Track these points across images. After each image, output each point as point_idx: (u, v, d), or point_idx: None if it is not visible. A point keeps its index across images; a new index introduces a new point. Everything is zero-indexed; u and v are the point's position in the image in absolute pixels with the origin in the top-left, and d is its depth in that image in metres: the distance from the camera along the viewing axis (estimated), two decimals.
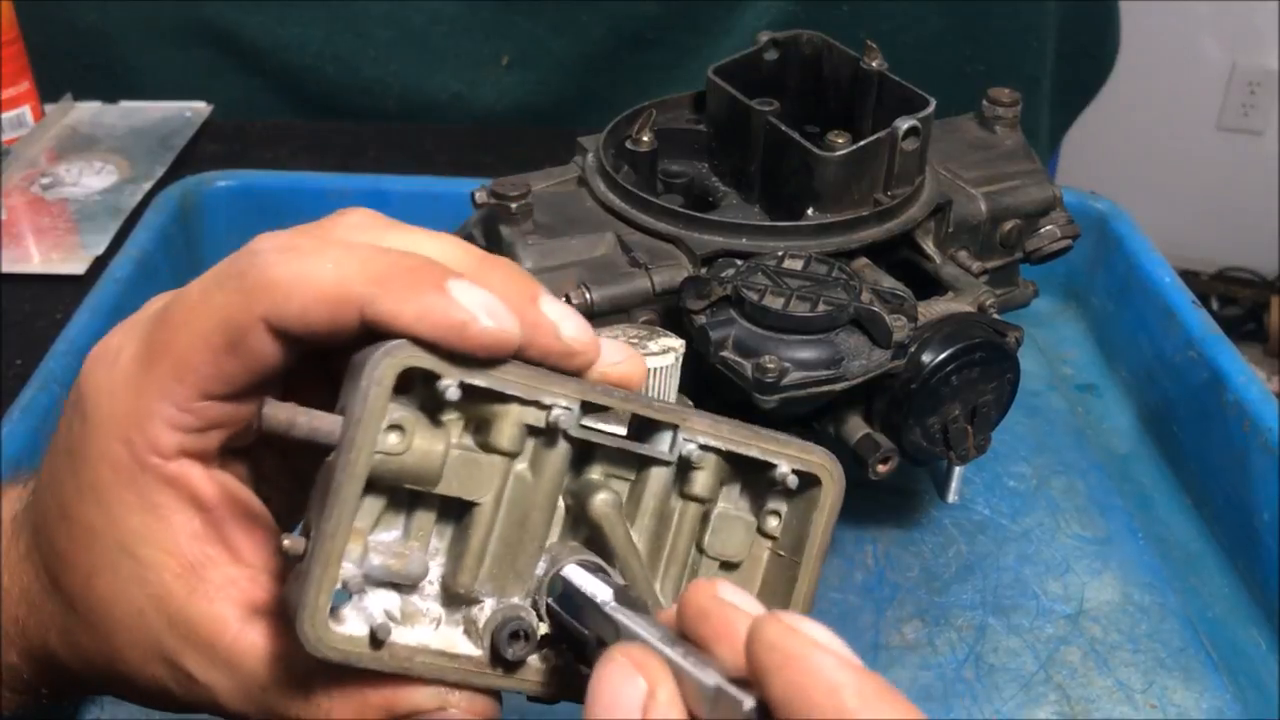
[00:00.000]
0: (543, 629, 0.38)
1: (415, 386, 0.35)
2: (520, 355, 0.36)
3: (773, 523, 0.41)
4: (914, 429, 0.64)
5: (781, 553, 0.42)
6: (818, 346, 0.60)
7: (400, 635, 0.37)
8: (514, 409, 0.36)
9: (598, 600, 0.35)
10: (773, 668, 0.29)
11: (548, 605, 0.38)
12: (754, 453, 0.39)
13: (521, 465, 0.37)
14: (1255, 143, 2.65)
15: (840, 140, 0.68)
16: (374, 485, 0.35)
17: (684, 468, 0.39)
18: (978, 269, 0.71)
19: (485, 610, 0.38)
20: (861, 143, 0.67)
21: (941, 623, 0.69)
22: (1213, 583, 0.73)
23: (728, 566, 0.42)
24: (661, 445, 0.38)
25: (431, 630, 0.38)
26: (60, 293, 0.91)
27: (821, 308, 0.60)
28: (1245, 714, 0.65)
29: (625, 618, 0.34)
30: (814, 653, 0.29)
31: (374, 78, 1.21)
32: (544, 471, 0.38)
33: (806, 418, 0.65)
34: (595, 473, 0.39)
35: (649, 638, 0.32)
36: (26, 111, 1.13)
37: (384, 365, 0.33)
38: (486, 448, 0.37)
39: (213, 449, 0.37)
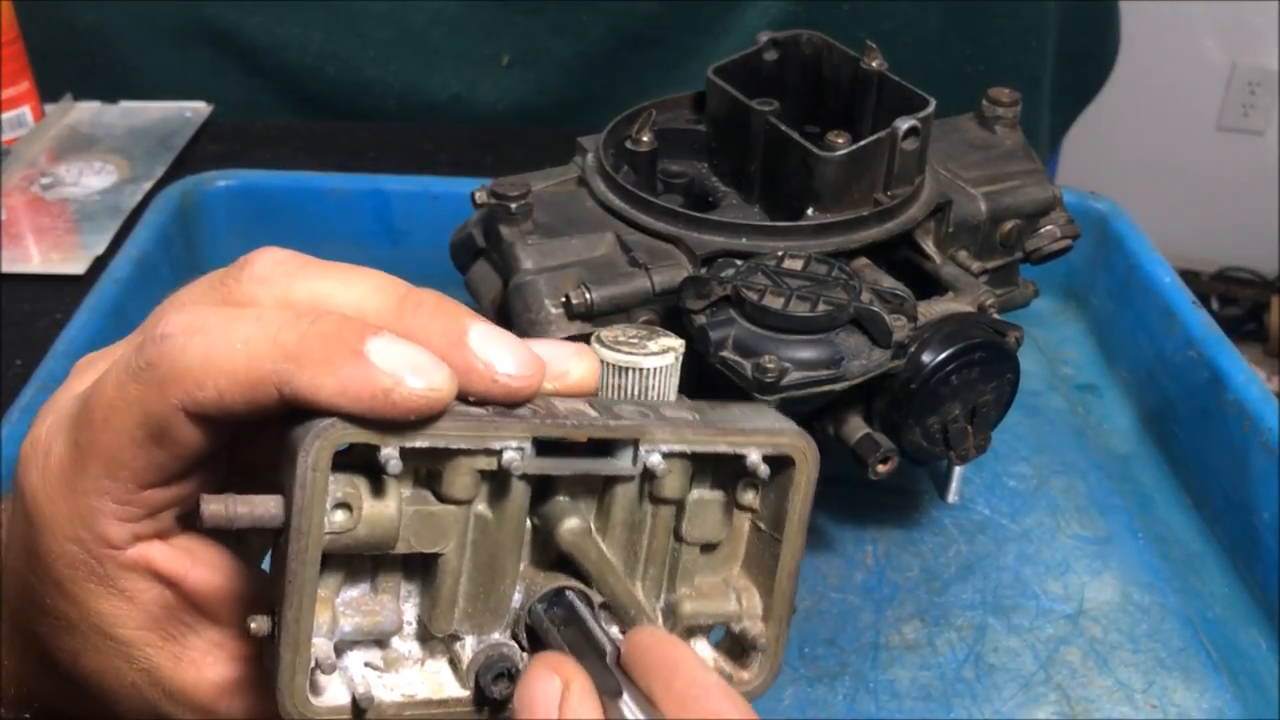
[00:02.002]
0: (526, 660, 0.37)
1: (355, 450, 0.34)
2: (459, 398, 0.34)
3: (749, 496, 0.40)
4: (914, 429, 0.64)
5: (762, 525, 0.41)
6: (817, 346, 0.60)
7: (385, 690, 0.36)
8: (462, 459, 0.35)
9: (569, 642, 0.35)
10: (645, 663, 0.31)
11: (527, 637, 0.37)
12: (721, 448, 0.38)
13: (480, 507, 0.36)
14: (1255, 143, 2.65)
15: (840, 140, 0.68)
16: (331, 559, 0.35)
17: (650, 475, 0.38)
18: (978, 269, 0.71)
19: (467, 648, 0.37)
20: (861, 143, 0.67)
21: (941, 623, 0.69)
22: (1213, 583, 0.73)
23: (709, 548, 0.41)
24: (623, 461, 0.37)
25: (417, 671, 0.37)
26: (60, 293, 0.91)
27: (821, 308, 0.60)
28: (1245, 714, 0.65)
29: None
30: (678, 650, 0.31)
31: (374, 78, 1.21)
32: (504, 510, 0.36)
33: (806, 417, 0.65)
34: (560, 493, 0.38)
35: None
36: (26, 111, 1.13)
37: (315, 449, 0.32)
38: (441, 498, 0.35)
39: (168, 525, 0.36)
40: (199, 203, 0.95)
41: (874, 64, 0.71)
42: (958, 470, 0.77)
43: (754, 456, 0.38)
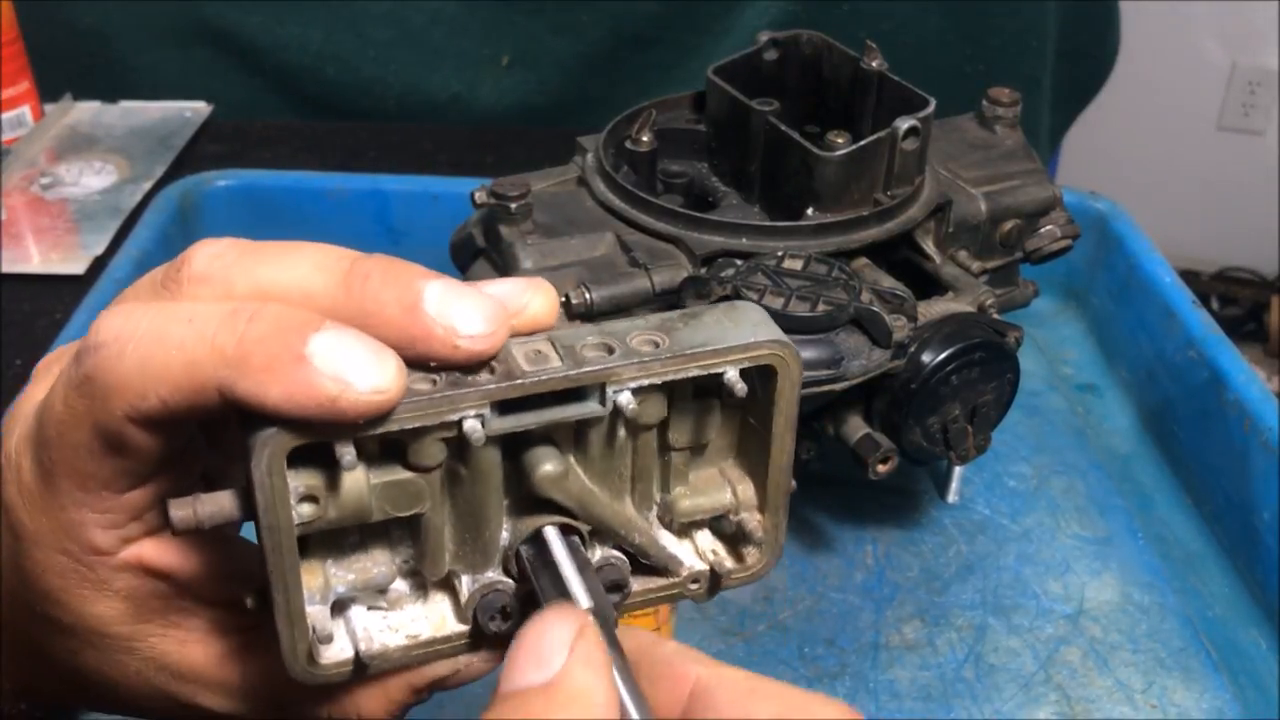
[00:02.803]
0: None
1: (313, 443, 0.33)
2: (423, 366, 0.33)
3: (735, 396, 0.38)
4: (914, 429, 0.64)
5: (751, 420, 0.39)
6: (818, 346, 0.60)
7: (389, 632, 0.37)
8: (423, 434, 0.34)
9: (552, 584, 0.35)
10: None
11: (518, 573, 0.37)
12: (694, 372, 0.36)
13: (453, 463, 0.35)
14: (1255, 143, 2.65)
15: (840, 140, 0.68)
16: (312, 536, 0.35)
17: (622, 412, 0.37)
18: (978, 269, 0.71)
19: (464, 586, 0.37)
20: (861, 143, 0.67)
21: (941, 623, 0.69)
22: (1213, 583, 0.73)
23: (700, 447, 0.40)
24: (591, 404, 0.35)
25: (420, 608, 0.38)
26: (60, 293, 0.91)
27: (821, 308, 0.60)
28: (1245, 714, 0.65)
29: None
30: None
31: (374, 78, 1.21)
32: (477, 465, 0.35)
33: (806, 417, 0.65)
34: (533, 437, 0.36)
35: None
36: (26, 111, 1.13)
37: (265, 459, 0.31)
38: (410, 468, 0.35)
39: (154, 521, 0.35)
40: (199, 203, 0.95)
41: (874, 64, 0.71)
42: (958, 470, 0.77)
43: (730, 374, 0.36)
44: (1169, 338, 0.83)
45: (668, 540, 0.40)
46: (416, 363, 0.33)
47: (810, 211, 0.67)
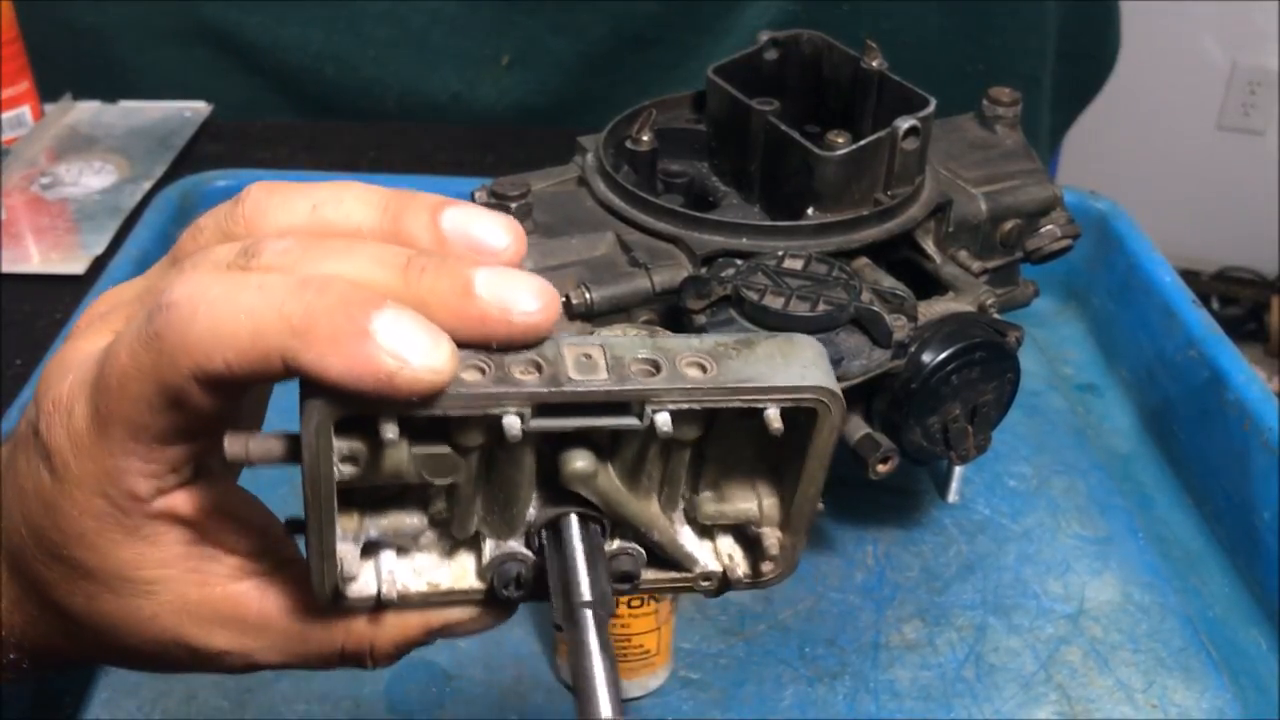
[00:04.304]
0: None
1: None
2: (483, 346, 0.35)
3: (774, 422, 0.37)
4: (914, 429, 0.64)
5: (788, 445, 0.39)
6: None
7: (412, 575, 0.38)
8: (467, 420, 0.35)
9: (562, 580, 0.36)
10: None
11: (537, 549, 0.38)
12: (735, 405, 0.36)
13: (491, 444, 0.37)
14: (1255, 143, 2.65)
15: (840, 140, 0.68)
16: (350, 489, 0.36)
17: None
18: (978, 269, 0.71)
19: (487, 549, 0.39)
20: (861, 142, 0.67)
21: (942, 623, 0.69)
22: (1213, 582, 0.73)
23: (731, 461, 0.40)
24: (629, 418, 0.36)
25: (445, 560, 0.39)
26: (60, 293, 0.91)
27: (822, 307, 0.60)
28: (1245, 714, 0.65)
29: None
30: None
31: (374, 78, 1.21)
32: (513, 453, 0.37)
33: None
34: (570, 435, 0.37)
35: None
36: (26, 111, 1.13)
37: (315, 423, 0.33)
38: (450, 444, 0.36)
39: (190, 474, 0.37)
40: (199, 202, 0.95)
41: (874, 63, 0.70)
42: (958, 470, 0.77)
43: (771, 411, 0.36)
44: (1169, 338, 0.83)
45: (687, 538, 0.41)
46: (472, 344, 0.35)
47: (810, 211, 0.67)
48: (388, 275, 0.34)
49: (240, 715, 0.63)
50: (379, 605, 0.38)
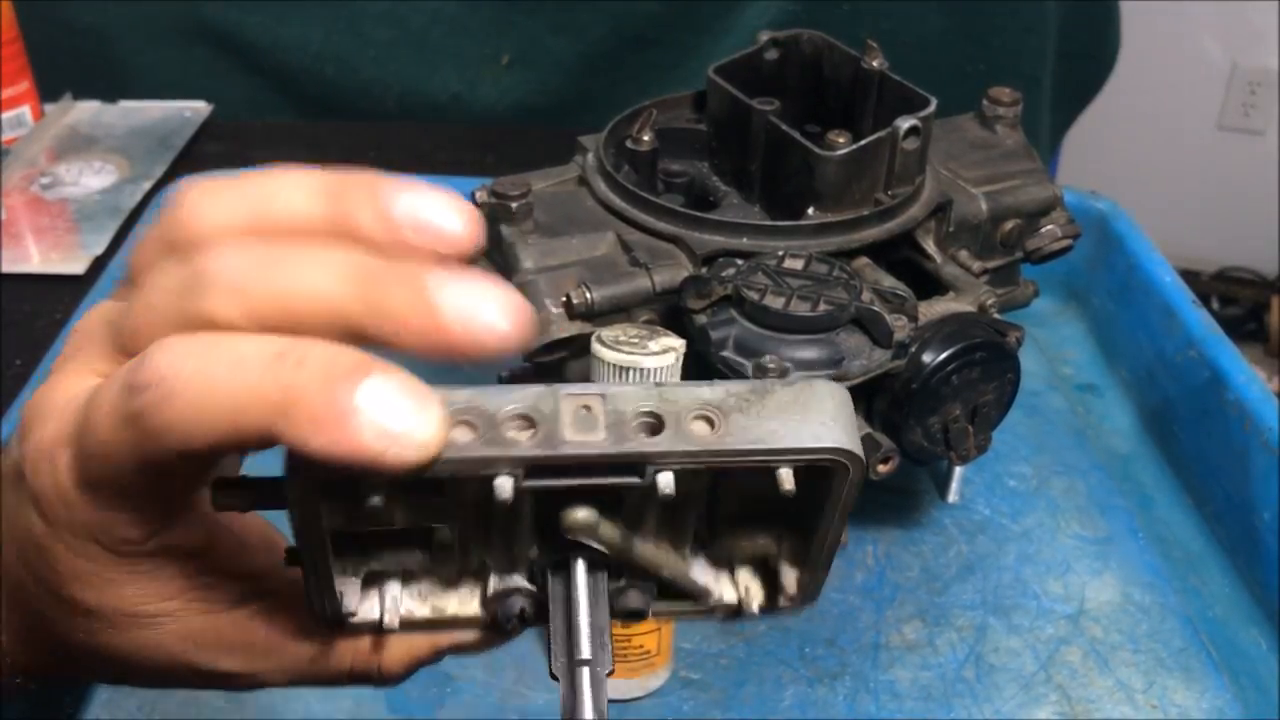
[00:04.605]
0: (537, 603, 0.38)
1: None
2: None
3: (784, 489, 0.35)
4: (914, 429, 0.64)
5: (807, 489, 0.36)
6: (818, 346, 0.60)
7: (416, 600, 0.38)
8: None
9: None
10: None
11: (540, 586, 0.37)
12: (746, 463, 0.33)
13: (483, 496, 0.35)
14: (1255, 143, 2.65)
15: (841, 140, 0.68)
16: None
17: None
18: (978, 269, 0.71)
19: (490, 583, 0.38)
20: (862, 142, 0.67)
21: (941, 623, 0.69)
22: (1213, 583, 0.73)
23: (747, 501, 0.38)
24: (629, 477, 0.33)
25: (449, 586, 0.38)
26: (60, 292, 0.91)
27: (822, 307, 0.60)
28: (1246, 714, 0.65)
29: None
30: None
31: (374, 78, 1.21)
32: (509, 506, 0.34)
33: None
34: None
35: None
36: (26, 111, 1.13)
37: (299, 488, 0.32)
38: (441, 494, 0.35)
39: (185, 506, 0.36)
40: None
41: (875, 63, 0.71)
42: (958, 470, 0.77)
43: (783, 472, 0.33)
44: (1169, 338, 0.82)
45: (700, 571, 0.39)
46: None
47: (811, 211, 0.67)
48: (344, 290, 0.32)
49: (240, 715, 0.63)
50: (381, 632, 0.37)
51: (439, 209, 0.33)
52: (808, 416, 0.33)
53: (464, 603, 0.38)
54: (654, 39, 1.20)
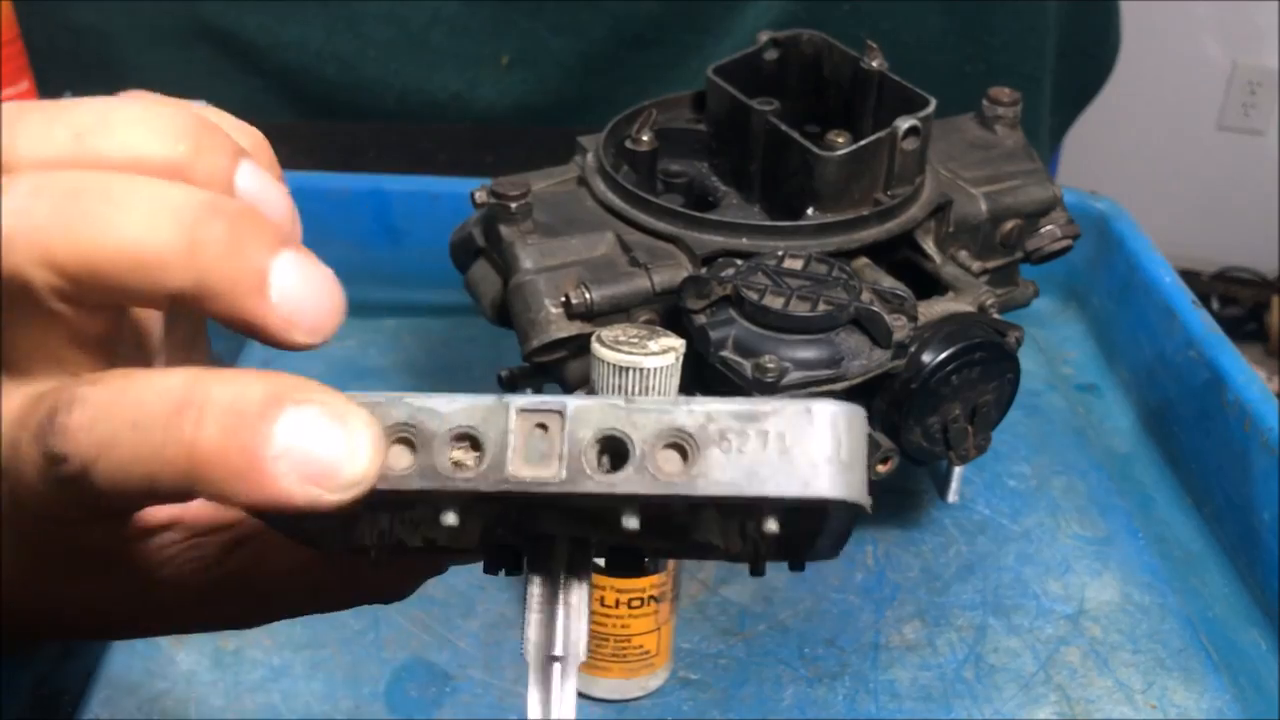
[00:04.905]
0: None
1: None
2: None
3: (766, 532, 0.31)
4: (914, 429, 0.64)
5: None
6: (818, 346, 0.60)
7: (408, 535, 0.36)
8: None
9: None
10: None
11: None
12: (726, 500, 0.29)
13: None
14: (1255, 143, 2.65)
15: (840, 140, 0.68)
16: None
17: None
18: (978, 269, 0.71)
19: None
20: (862, 142, 0.67)
21: (941, 623, 0.69)
22: (1213, 583, 0.73)
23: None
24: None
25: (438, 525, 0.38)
26: None
27: (822, 307, 0.60)
28: (1245, 714, 0.65)
29: None
30: None
31: (374, 78, 1.21)
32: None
33: None
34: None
35: None
36: None
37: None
38: None
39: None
40: None
41: (874, 63, 0.71)
42: (958, 470, 0.77)
43: (768, 521, 0.29)
44: (1169, 338, 0.83)
45: (703, 529, 0.35)
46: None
47: (810, 211, 0.67)
48: (170, 236, 0.28)
49: (240, 715, 0.63)
50: (372, 561, 0.34)
51: (277, 203, 0.31)
52: (799, 453, 0.28)
53: (455, 538, 0.34)
54: (654, 39, 1.20)
